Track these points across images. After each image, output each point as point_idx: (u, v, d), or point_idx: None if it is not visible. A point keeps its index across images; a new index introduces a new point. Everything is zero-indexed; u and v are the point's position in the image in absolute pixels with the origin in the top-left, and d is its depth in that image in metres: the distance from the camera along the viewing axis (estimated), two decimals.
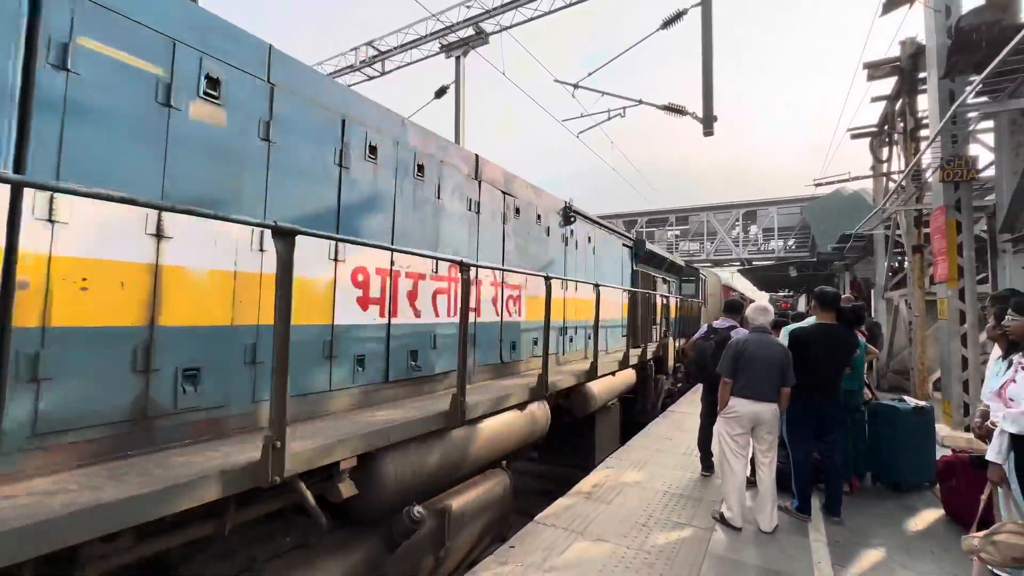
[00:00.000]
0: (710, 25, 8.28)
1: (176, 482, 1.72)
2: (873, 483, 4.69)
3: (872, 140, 12.45)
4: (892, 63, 9.46)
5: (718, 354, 4.43)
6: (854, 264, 16.11)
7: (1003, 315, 2.99)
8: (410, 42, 14.55)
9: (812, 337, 3.92)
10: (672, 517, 3.87)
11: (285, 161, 2.67)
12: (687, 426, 6.54)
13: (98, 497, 1.55)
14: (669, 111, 9.23)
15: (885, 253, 11.98)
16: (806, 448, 3.91)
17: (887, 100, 10.63)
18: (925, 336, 8.92)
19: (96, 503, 1.52)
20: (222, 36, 2.43)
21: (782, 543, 3.49)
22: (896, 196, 9.54)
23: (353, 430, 2.53)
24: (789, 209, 27.15)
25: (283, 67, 2.71)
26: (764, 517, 3.66)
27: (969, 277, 6.61)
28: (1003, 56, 4.21)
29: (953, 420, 6.62)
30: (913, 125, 9.34)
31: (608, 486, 4.48)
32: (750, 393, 3.63)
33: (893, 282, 11.77)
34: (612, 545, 3.36)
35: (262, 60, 2.61)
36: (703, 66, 8.21)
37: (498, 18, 13.10)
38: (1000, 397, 2.73)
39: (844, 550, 3.42)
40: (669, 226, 31.61)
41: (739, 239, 29.03)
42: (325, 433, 2.44)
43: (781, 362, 3.63)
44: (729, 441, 3.74)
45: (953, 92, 6.61)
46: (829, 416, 3.90)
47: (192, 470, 1.84)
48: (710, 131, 8.49)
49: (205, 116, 2.32)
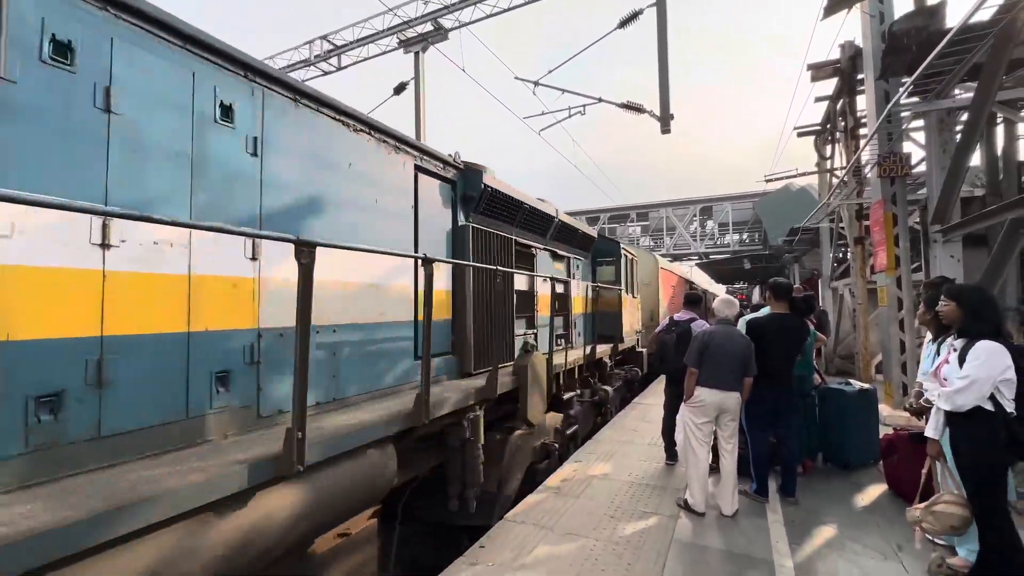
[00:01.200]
0: (665, 26, 8.49)
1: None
2: (824, 463, 4.94)
3: (816, 138, 13.09)
4: (833, 65, 9.96)
5: (679, 346, 4.55)
6: (803, 256, 16.95)
7: (934, 301, 3.20)
8: (367, 37, 14.19)
9: (767, 327, 4.09)
10: (639, 507, 3.95)
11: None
12: (652, 416, 6.70)
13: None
14: (627, 109, 9.41)
15: (830, 245, 12.65)
16: (763, 433, 4.08)
17: (829, 100, 11.20)
18: (868, 322, 9.48)
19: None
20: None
21: (743, 526, 3.62)
22: (839, 191, 10.06)
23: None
24: (743, 204, 28.29)
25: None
26: (726, 501, 3.79)
27: (905, 266, 7.09)
28: (930, 59, 4.52)
29: (894, 400, 7.09)
30: (853, 124, 9.88)
31: (577, 480, 4.52)
32: (715, 383, 3.75)
33: (838, 272, 12.43)
34: (582, 539, 3.39)
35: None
36: (659, 66, 8.40)
37: (457, 14, 12.97)
38: (936, 377, 2.92)
39: (799, 528, 3.58)
40: (630, 222, 32.35)
41: (697, 234, 30.05)
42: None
43: (744, 353, 3.77)
44: (694, 429, 3.84)
45: (888, 92, 7.05)
46: (784, 401, 4.07)
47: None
48: (667, 129, 8.71)
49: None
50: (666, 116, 8.56)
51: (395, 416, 2.91)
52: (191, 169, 2.31)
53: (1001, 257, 5.15)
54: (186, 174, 2.29)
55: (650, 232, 31.49)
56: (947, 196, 6.09)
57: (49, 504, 1.55)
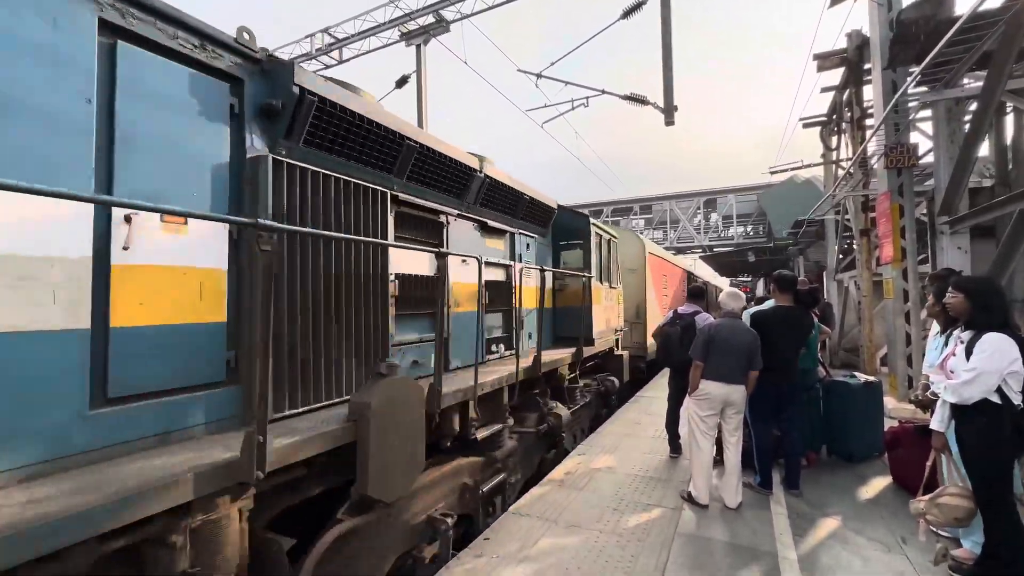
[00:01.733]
0: (669, 16, 8.38)
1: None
2: (828, 455, 4.94)
3: (822, 129, 12.96)
4: (840, 54, 9.82)
5: (684, 339, 4.54)
6: (807, 248, 16.86)
7: (942, 293, 3.18)
8: (368, 29, 14.10)
9: (772, 319, 4.07)
10: (643, 499, 3.96)
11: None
12: (654, 409, 6.70)
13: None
14: (631, 101, 9.32)
15: (836, 237, 12.57)
16: (767, 426, 4.08)
17: (836, 90, 11.05)
18: (873, 315, 9.43)
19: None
20: None
21: (747, 518, 3.63)
22: (845, 182, 9.97)
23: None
24: (747, 196, 28.12)
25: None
26: (730, 494, 3.80)
27: (911, 258, 7.03)
28: (939, 48, 4.44)
29: (899, 393, 7.07)
30: (859, 114, 9.76)
31: (580, 473, 4.54)
32: (721, 376, 3.74)
33: (843, 264, 12.36)
34: (586, 531, 3.41)
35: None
36: (663, 58, 8.30)
37: (458, 5, 12.86)
38: (942, 370, 2.90)
39: (803, 521, 3.59)
40: (634, 215, 32.22)
41: (700, 227, 29.89)
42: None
43: (750, 347, 3.75)
44: (699, 422, 3.85)
45: (895, 82, 6.95)
46: (787, 394, 4.07)
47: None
48: (671, 121, 8.62)
49: None
50: (670, 108, 8.47)
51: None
52: None
53: (1009, 248, 5.09)
54: None
55: (653, 225, 31.36)
56: (955, 187, 6.02)
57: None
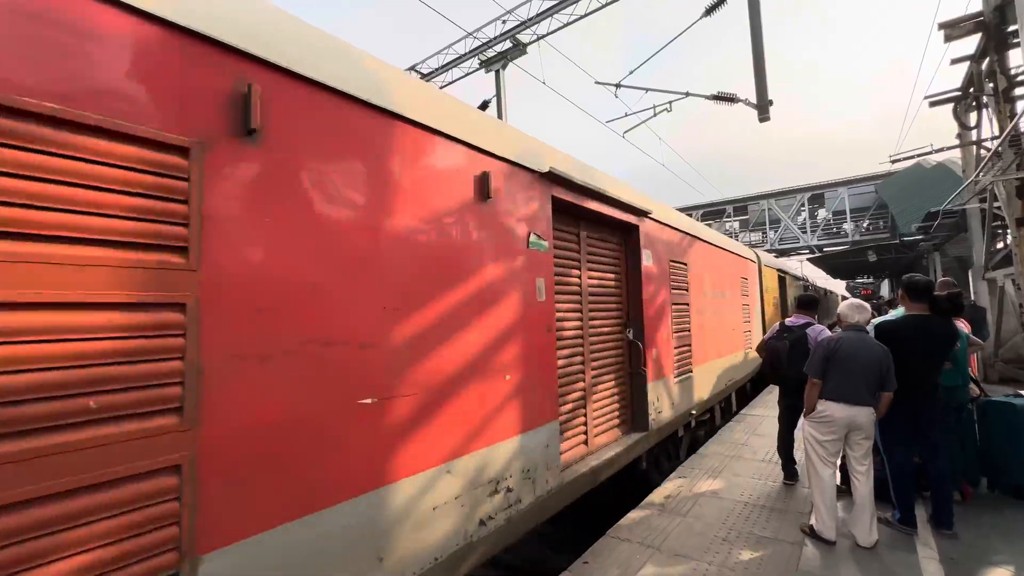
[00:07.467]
0: (758, 8, 7.89)
1: None
2: (990, 490, 4.18)
3: (956, 106, 11.29)
4: (974, 19, 8.56)
5: (793, 355, 4.17)
6: (944, 243, 14.60)
7: None
8: (450, 62, 14.99)
9: (903, 331, 3.57)
10: (755, 530, 3.64)
11: None
12: (763, 430, 6.15)
13: None
14: (719, 100, 8.86)
15: (982, 229, 10.78)
16: (904, 453, 3.56)
17: (971, 60, 9.62)
18: None
19: None
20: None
21: (885, 560, 3.18)
22: (991, 165, 8.56)
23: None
24: (861, 189, 25.15)
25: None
26: (861, 530, 3.35)
27: None
28: None
29: None
30: (1006, 85, 8.38)
31: (682, 497, 4.30)
32: (844, 396, 3.34)
33: (995, 260, 10.54)
34: (693, 561, 3.21)
35: None
36: (753, 51, 7.82)
37: (534, 28, 13.21)
38: None
39: (961, 568, 3.06)
40: (727, 217, 30.24)
41: (806, 225, 27.21)
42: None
43: (881, 364, 3.30)
44: (816, 447, 3.47)
45: None
46: (927, 417, 3.52)
47: None
48: (766, 116, 8.05)
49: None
50: (764, 103, 7.91)
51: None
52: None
53: None
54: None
55: (750, 227, 29.18)
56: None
57: None
